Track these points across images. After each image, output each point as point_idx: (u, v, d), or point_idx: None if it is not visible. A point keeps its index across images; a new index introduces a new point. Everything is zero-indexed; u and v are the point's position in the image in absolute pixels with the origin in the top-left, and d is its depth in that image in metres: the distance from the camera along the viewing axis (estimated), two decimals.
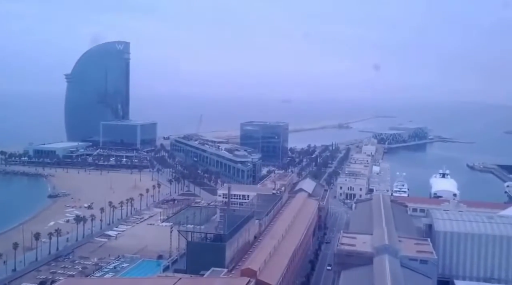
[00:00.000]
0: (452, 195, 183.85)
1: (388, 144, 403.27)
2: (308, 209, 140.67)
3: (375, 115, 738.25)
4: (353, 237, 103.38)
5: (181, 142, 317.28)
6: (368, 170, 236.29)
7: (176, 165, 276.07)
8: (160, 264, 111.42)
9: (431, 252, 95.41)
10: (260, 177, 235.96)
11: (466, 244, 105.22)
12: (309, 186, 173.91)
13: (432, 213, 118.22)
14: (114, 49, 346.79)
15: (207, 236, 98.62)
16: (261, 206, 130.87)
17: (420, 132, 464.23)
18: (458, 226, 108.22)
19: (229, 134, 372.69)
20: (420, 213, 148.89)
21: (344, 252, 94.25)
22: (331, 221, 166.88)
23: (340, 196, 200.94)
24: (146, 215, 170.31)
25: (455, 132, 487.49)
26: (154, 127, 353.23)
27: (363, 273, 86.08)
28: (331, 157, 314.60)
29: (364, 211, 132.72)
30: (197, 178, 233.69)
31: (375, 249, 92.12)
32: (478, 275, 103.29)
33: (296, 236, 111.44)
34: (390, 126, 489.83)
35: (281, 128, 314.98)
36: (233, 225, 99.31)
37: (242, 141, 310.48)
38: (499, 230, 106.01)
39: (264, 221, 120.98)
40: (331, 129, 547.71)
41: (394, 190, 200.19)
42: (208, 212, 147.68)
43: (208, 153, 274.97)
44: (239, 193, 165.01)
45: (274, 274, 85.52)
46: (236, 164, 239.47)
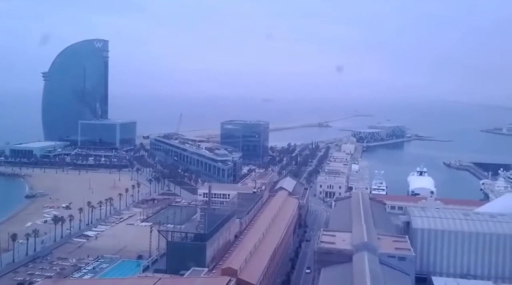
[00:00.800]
0: (429, 193, 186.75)
1: (366, 143, 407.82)
2: (288, 207, 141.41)
3: (354, 114, 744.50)
4: (332, 235, 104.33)
5: (161, 141, 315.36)
6: (348, 168, 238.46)
7: (156, 164, 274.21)
8: (140, 264, 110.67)
9: (409, 249, 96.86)
10: (240, 176, 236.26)
11: (443, 241, 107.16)
12: (290, 185, 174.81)
13: (409, 210, 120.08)
14: (92, 47, 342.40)
15: (187, 236, 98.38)
16: (241, 205, 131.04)
17: (398, 131, 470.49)
18: (435, 223, 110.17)
19: (209, 133, 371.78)
20: (398, 210, 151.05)
21: (324, 250, 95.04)
22: (311, 219, 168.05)
23: (320, 194, 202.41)
24: (126, 215, 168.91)
25: (433, 130, 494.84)
26: (133, 126, 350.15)
27: (343, 270, 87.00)
28: (311, 156, 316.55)
29: (344, 209, 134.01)
30: (177, 178, 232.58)
31: (355, 246, 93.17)
32: (454, 272, 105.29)
33: (276, 235, 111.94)
34: (368, 125, 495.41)
35: (262, 127, 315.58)
36: (214, 224, 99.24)
37: (222, 140, 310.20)
38: (475, 227, 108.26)
39: (244, 220, 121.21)
40: (311, 128, 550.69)
41: (372, 188, 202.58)
42: (188, 211, 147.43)
43: (188, 152, 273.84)
44: (219, 192, 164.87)
45: (255, 273, 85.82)
46: (216, 163, 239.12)
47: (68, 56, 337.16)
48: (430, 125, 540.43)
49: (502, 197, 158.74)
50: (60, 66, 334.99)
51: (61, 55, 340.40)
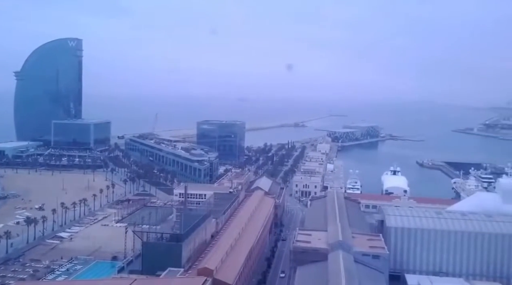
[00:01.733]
0: (402, 192, 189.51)
1: (341, 142, 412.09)
2: (264, 207, 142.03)
3: (329, 114, 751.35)
4: (308, 234, 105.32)
5: (136, 141, 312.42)
6: (323, 168, 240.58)
7: (131, 164, 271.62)
8: (115, 265, 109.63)
9: (383, 247, 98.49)
10: (217, 176, 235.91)
11: (416, 239, 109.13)
12: (266, 184, 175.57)
13: (383, 209, 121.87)
14: (66, 46, 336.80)
15: (163, 236, 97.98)
16: (218, 205, 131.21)
17: (372, 131, 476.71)
18: (408, 222, 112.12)
19: (185, 133, 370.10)
20: (373, 209, 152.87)
21: (299, 249, 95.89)
22: (287, 219, 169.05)
23: (296, 194, 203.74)
24: (100, 216, 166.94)
25: (406, 130, 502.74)
26: (108, 126, 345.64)
27: (318, 269, 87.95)
28: (287, 156, 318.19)
29: (319, 208, 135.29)
30: (152, 178, 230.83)
31: (330, 245, 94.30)
32: (427, 269, 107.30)
33: (252, 234, 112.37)
34: (343, 125, 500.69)
35: (238, 126, 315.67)
36: (190, 225, 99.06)
37: (198, 140, 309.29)
38: (447, 225, 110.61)
39: (221, 219, 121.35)
40: (287, 128, 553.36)
41: (347, 187, 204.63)
42: (164, 212, 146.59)
43: (164, 152, 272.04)
44: (196, 192, 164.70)
45: (231, 273, 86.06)
46: (192, 163, 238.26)
47: (41, 55, 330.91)
48: (403, 125, 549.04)
49: (473, 196, 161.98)
50: (33, 65, 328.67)
51: (34, 54, 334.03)
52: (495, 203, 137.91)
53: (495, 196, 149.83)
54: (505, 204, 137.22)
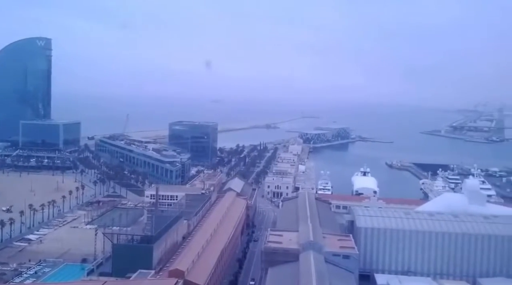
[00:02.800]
0: (372, 192, 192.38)
1: (313, 144, 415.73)
2: (236, 208, 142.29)
3: (301, 116, 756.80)
4: (280, 234, 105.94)
5: (107, 142, 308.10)
6: (295, 169, 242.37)
7: (101, 166, 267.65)
8: (85, 268, 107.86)
9: (353, 248, 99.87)
10: (189, 177, 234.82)
11: (385, 239, 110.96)
12: (238, 186, 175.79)
13: (354, 209, 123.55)
14: (34, 45, 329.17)
15: (133, 238, 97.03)
16: (189, 206, 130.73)
17: (342, 132, 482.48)
18: (378, 222, 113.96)
19: (157, 134, 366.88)
20: (343, 210, 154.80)
21: (271, 250, 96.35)
22: (259, 220, 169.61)
23: (267, 195, 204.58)
24: (69, 218, 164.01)
25: (376, 132, 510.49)
26: (77, 126, 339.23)
27: (290, 269, 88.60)
28: (259, 157, 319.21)
29: (291, 209, 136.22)
30: (123, 179, 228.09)
31: (301, 245, 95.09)
32: (396, 269, 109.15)
33: (224, 235, 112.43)
34: (315, 126, 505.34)
35: (210, 128, 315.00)
36: (161, 226, 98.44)
37: (170, 141, 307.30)
38: (415, 225, 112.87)
39: (192, 221, 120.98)
40: (259, 129, 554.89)
41: (318, 188, 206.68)
42: (135, 213, 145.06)
43: (135, 153, 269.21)
44: (167, 194, 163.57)
45: (202, 274, 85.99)
46: (164, 164, 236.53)
47: (8, 54, 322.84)
48: (373, 127, 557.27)
49: (441, 196, 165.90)
50: (0, 65, 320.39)
51: (1, 53, 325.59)
52: (462, 204, 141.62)
53: (462, 196, 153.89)
54: (471, 205, 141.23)
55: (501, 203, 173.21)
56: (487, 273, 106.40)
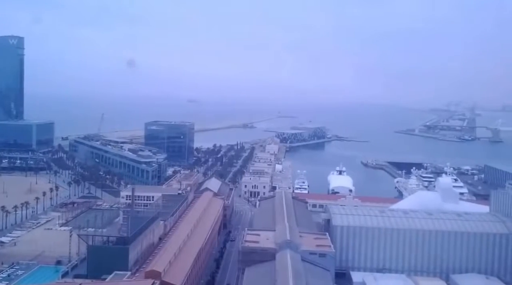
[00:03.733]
0: (348, 191, 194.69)
1: (290, 143, 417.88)
2: (213, 208, 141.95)
3: (278, 115, 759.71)
4: (257, 234, 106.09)
5: (81, 142, 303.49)
6: (272, 169, 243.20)
7: (75, 166, 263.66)
8: (59, 270, 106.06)
9: (329, 246, 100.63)
10: (165, 177, 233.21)
11: (360, 237, 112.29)
12: (215, 185, 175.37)
13: (330, 208, 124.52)
14: (6, 44, 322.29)
15: (109, 239, 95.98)
16: (166, 206, 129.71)
17: (319, 132, 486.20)
18: (354, 220, 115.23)
19: (132, 134, 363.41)
20: (319, 208, 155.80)
21: (248, 249, 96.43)
22: (236, 219, 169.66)
23: (245, 194, 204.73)
24: (43, 220, 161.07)
25: (352, 131, 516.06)
26: (51, 127, 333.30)
27: (266, 268, 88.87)
28: (236, 156, 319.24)
29: (268, 208, 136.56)
30: (98, 180, 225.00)
31: (278, 245, 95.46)
32: (371, 266, 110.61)
33: (201, 236, 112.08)
34: (291, 126, 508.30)
35: (187, 128, 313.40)
36: (137, 227, 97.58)
37: (146, 141, 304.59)
38: (390, 223, 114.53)
39: (169, 221, 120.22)
40: (236, 129, 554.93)
41: (295, 187, 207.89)
42: (110, 214, 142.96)
43: (110, 153, 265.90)
44: (143, 194, 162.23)
45: (179, 275, 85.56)
46: (140, 165, 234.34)
47: None
48: (349, 126, 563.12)
49: (415, 194, 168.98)
50: None
51: None
52: (435, 201, 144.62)
53: (435, 194, 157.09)
54: (444, 202, 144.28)
55: (473, 201, 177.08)
56: (459, 269, 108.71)
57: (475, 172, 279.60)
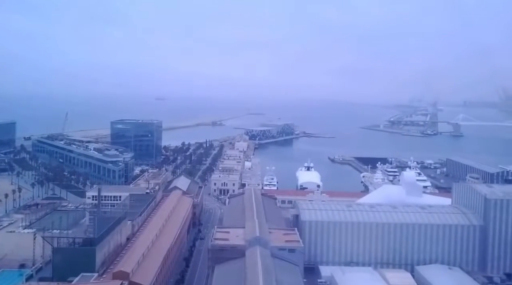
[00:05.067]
0: (316, 187, 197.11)
1: (258, 140, 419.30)
2: (182, 206, 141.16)
3: (247, 113, 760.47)
4: (226, 231, 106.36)
5: (45, 142, 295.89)
6: (241, 166, 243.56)
7: (39, 167, 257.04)
8: (23, 273, 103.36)
9: (298, 241, 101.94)
10: (132, 176, 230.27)
11: (328, 232, 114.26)
12: (184, 184, 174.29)
13: (298, 204, 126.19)
14: None
15: (75, 241, 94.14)
16: (134, 206, 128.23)
17: (287, 128, 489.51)
18: (322, 215, 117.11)
19: (98, 133, 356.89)
20: (288, 204, 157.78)
21: (217, 247, 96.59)
22: (205, 217, 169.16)
23: (214, 192, 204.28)
24: (6, 222, 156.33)
25: (319, 128, 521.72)
26: (12, 127, 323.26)
27: (236, 265, 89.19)
28: (205, 154, 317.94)
29: (237, 206, 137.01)
30: (63, 181, 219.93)
31: (247, 241, 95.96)
32: (339, 260, 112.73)
33: (170, 235, 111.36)
34: (260, 123, 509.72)
35: (155, 126, 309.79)
36: (104, 228, 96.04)
37: (113, 140, 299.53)
38: (357, 217, 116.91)
39: (137, 221, 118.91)
40: (205, 127, 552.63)
41: (264, 184, 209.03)
42: (76, 215, 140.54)
43: (75, 153, 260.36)
44: (110, 194, 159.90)
45: (148, 275, 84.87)
46: (106, 164, 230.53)
47: None
48: (316, 123, 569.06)
49: (380, 189, 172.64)
50: None
51: None
52: (400, 195, 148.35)
53: (400, 188, 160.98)
54: (408, 196, 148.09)
55: (436, 194, 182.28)
56: (424, 261, 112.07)
57: (437, 166, 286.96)
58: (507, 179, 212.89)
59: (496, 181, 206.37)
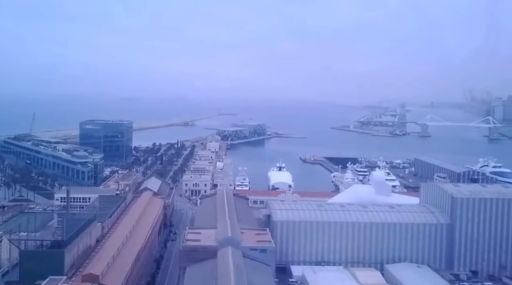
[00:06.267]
0: (287, 187, 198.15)
1: (230, 141, 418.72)
2: (153, 208, 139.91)
3: (219, 113, 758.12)
4: (198, 232, 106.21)
5: (11, 143, 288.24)
6: (213, 166, 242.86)
7: (5, 168, 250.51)
8: None
9: (270, 241, 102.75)
10: (102, 178, 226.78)
11: (300, 231, 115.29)
12: (155, 185, 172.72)
13: (270, 204, 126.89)
14: None
15: (43, 243, 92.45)
16: (103, 208, 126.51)
17: (259, 129, 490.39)
18: (293, 215, 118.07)
19: (67, 133, 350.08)
20: (260, 204, 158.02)
21: (189, 248, 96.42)
22: (177, 219, 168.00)
23: (186, 193, 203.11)
24: None
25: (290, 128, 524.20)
26: None
27: (208, 266, 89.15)
28: (177, 155, 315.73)
29: (209, 206, 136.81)
30: (30, 182, 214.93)
31: (219, 242, 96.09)
32: (310, 259, 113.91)
33: (140, 236, 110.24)
34: (232, 123, 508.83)
35: (125, 126, 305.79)
36: (73, 230, 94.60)
37: (82, 140, 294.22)
38: (328, 217, 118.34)
39: (107, 223, 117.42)
40: (176, 127, 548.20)
41: (236, 184, 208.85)
42: (44, 217, 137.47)
43: (43, 154, 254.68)
44: (79, 196, 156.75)
45: (118, 277, 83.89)
46: (75, 165, 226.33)
47: None
48: (288, 123, 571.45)
49: (350, 188, 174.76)
50: None
51: None
52: (369, 194, 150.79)
53: (369, 188, 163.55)
54: (378, 195, 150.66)
55: (404, 193, 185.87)
56: (393, 259, 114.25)
57: (406, 166, 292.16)
58: (473, 178, 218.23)
59: (462, 180, 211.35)
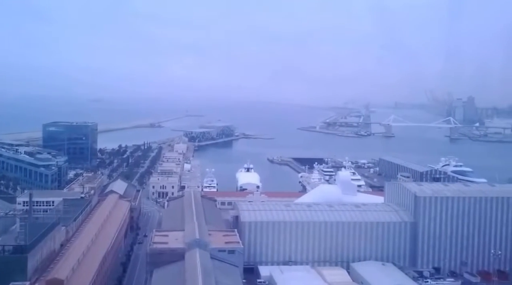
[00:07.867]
0: (255, 187, 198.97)
1: (198, 142, 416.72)
2: (119, 211, 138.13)
3: (186, 114, 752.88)
4: (165, 235, 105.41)
5: None
6: (180, 168, 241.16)
7: None
8: None
9: (238, 242, 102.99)
10: (66, 181, 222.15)
11: (267, 232, 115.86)
12: (121, 187, 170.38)
13: (238, 205, 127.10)
14: None
15: (4, 249, 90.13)
16: (67, 211, 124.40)
17: (227, 130, 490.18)
18: (261, 216, 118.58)
19: (29, 136, 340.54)
20: (228, 205, 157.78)
21: (156, 251, 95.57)
22: (144, 221, 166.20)
23: (153, 195, 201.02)
24: None
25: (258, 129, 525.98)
26: None
27: (176, 269, 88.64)
28: (144, 157, 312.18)
29: (176, 208, 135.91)
30: None
31: (187, 244, 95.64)
32: (278, 259, 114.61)
33: (106, 240, 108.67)
34: (200, 125, 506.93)
35: (89, 128, 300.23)
36: (36, 234, 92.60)
37: (45, 143, 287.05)
38: (295, 216, 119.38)
39: (71, 227, 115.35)
40: (143, 129, 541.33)
41: (204, 186, 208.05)
42: (5, 222, 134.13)
43: (4, 157, 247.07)
44: (42, 200, 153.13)
45: (83, 281, 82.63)
46: (38, 168, 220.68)
47: None
48: (255, 124, 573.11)
49: (317, 188, 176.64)
50: None
51: None
52: (336, 194, 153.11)
53: (335, 187, 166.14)
54: (344, 195, 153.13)
55: (369, 192, 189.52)
56: (359, 258, 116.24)
57: (370, 165, 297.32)
58: (435, 177, 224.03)
59: (425, 179, 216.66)
